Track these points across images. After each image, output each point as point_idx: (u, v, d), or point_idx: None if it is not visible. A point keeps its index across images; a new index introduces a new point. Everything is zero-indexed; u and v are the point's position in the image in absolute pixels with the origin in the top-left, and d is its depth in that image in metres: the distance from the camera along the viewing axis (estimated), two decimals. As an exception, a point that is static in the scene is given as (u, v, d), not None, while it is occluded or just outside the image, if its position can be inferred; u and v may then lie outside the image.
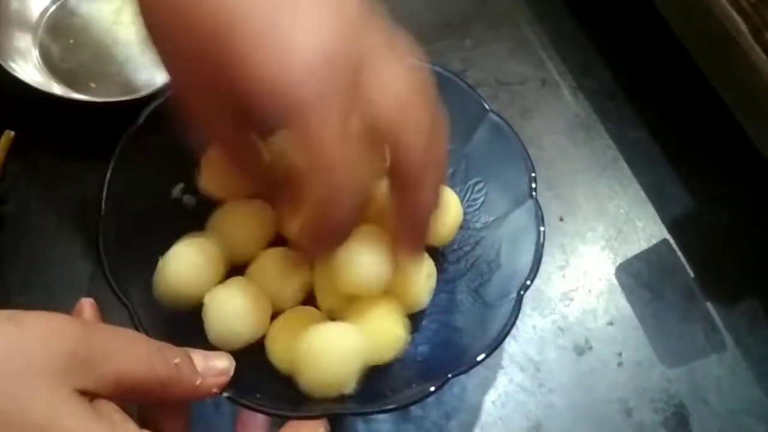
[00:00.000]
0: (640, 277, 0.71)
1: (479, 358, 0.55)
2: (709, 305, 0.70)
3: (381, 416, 0.63)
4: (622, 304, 0.70)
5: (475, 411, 0.64)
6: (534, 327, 0.68)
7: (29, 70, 0.73)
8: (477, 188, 0.68)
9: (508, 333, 0.56)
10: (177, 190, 0.64)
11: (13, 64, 0.71)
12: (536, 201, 0.62)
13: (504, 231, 0.64)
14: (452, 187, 0.68)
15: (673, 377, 0.67)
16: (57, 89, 0.72)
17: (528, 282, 0.58)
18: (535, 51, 0.83)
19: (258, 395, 0.54)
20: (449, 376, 0.54)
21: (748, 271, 0.72)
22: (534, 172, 0.63)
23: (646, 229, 0.74)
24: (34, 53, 0.75)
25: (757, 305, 0.70)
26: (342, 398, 0.56)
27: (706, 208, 0.75)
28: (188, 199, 0.64)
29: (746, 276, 0.72)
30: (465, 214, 0.65)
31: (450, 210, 0.63)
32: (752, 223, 0.74)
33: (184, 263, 0.57)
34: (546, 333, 0.68)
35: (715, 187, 0.76)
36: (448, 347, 0.60)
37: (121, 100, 0.69)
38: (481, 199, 0.67)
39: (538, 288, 0.70)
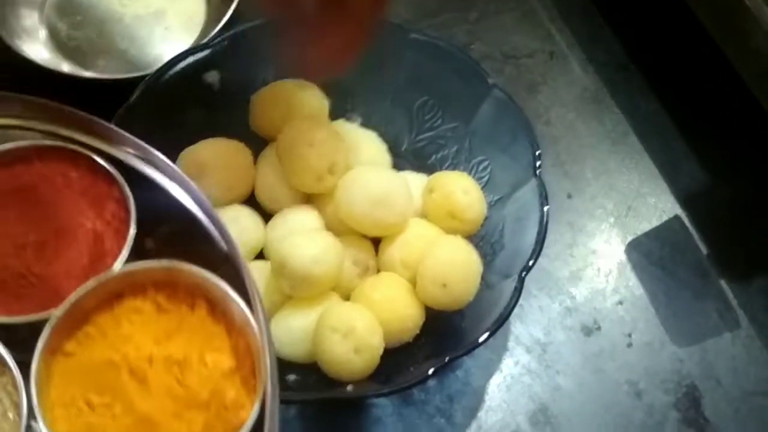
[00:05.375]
0: (651, 254, 0.70)
1: (480, 340, 0.54)
2: (722, 283, 0.68)
3: (382, 400, 0.62)
4: (632, 283, 0.68)
5: (479, 394, 0.63)
6: (540, 308, 0.67)
7: (37, 48, 0.74)
8: (482, 167, 0.67)
9: (509, 315, 0.55)
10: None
11: (20, 43, 0.71)
12: (540, 180, 0.61)
13: (508, 210, 0.63)
14: (456, 166, 0.67)
15: (685, 357, 0.65)
16: (65, 67, 0.73)
17: (531, 263, 0.57)
18: (543, 23, 0.81)
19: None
20: (447, 359, 0.53)
21: (763, 248, 0.70)
22: (539, 149, 0.62)
23: (658, 206, 0.72)
24: (42, 31, 0.76)
25: (772, 282, 0.68)
26: (340, 383, 0.56)
27: (721, 183, 0.73)
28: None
29: (762, 253, 0.70)
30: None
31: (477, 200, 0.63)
32: (766, 198, 0.72)
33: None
34: (553, 314, 0.67)
35: (730, 161, 0.74)
36: (450, 330, 0.59)
37: (130, 77, 0.68)
38: (486, 178, 0.66)
39: (545, 268, 0.68)
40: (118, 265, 0.50)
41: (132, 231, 0.51)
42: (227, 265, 0.48)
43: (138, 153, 0.51)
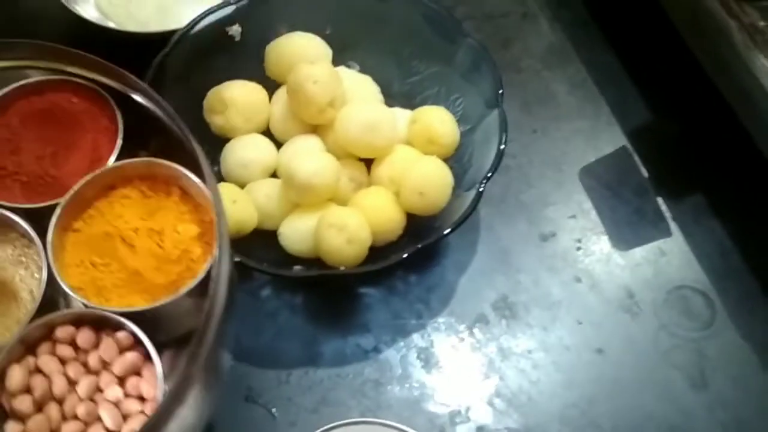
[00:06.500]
0: (600, 178, 0.82)
1: (445, 233, 0.68)
2: (659, 200, 0.81)
3: (371, 291, 0.75)
4: (583, 200, 0.81)
5: (452, 287, 0.76)
6: (507, 222, 0.80)
7: (87, 8, 0.87)
8: (457, 103, 0.79)
9: (470, 214, 0.68)
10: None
11: (74, 3, 0.85)
12: (502, 111, 0.73)
13: (477, 136, 0.76)
14: (437, 103, 0.80)
15: (624, 262, 0.78)
16: (111, 24, 0.86)
17: (489, 174, 0.70)
18: (518, -14, 0.94)
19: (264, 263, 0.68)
20: (419, 245, 0.67)
21: (694, 172, 0.83)
22: (502, 88, 0.74)
23: (609, 139, 0.85)
24: None
25: (702, 200, 0.81)
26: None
27: (661, 120, 0.86)
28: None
29: (692, 176, 0.83)
30: (445, 124, 0.77)
31: (451, 128, 0.76)
32: (700, 132, 0.85)
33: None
34: (516, 226, 0.80)
35: (670, 102, 0.87)
36: (426, 231, 0.72)
37: (165, 30, 0.78)
38: (460, 112, 0.79)
39: (513, 191, 0.82)
40: (110, 164, 0.65)
41: (120, 140, 0.67)
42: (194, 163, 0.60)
43: (128, 82, 0.64)
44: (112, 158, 0.66)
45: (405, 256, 0.66)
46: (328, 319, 0.74)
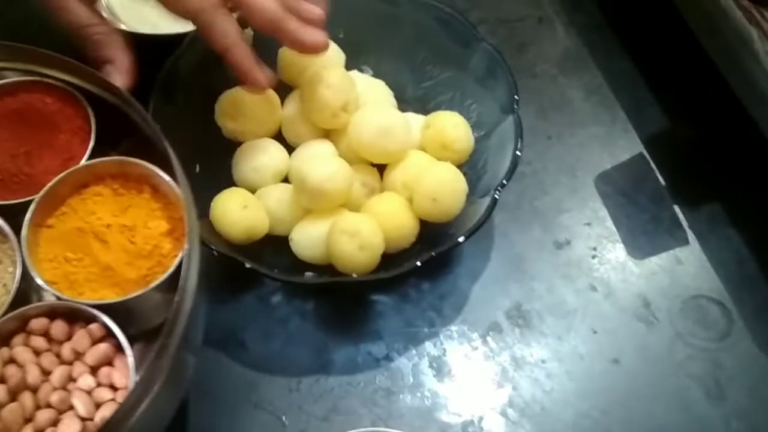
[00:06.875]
0: (616, 184, 0.82)
1: (460, 240, 0.67)
2: (675, 207, 0.80)
3: (384, 298, 0.75)
4: (598, 208, 0.80)
5: (465, 294, 0.75)
6: (521, 228, 0.79)
7: (99, 9, 0.84)
8: (471, 108, 0.79)
9: (485, 222, 0.68)
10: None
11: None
12: (518, 117, 0.73)
13: (491, 143, 0.75)
14: (451, 108, 0.79)
15: (639, 270, 0.77)
16: (123, 26, 0.85)
17: (504, 181, 0.69)
18: (533, -9, 0.94)
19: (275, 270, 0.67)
20: (433, 253, 0.66)
21: (711, 179, 0.82)
22: (517, 93, 0.73)
23: (625, 145, 0.84)
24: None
25: (719, 207, 0.80)
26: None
27: (678, 126, 0.85)
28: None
29: (710, 183, 0.82)
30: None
31: (465, 134, 0.75)
32: (716, 138, 0.84)
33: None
34: (530, 232, 0.79)
35: (687, 108, 0.86)
36: (440, 238, 0.71)
37: (177, 33, 0.78)
38: (475, 118, 0.78)
39: (528, 197, 0.81)
40: (82, 163, 0.66)
41: (92, 140, 0.67)
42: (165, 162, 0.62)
43: (100, 83, 0.65)
44: (85, 158, 0.67)
45: (418, 263, 0.66)
46: (340, 326, 0.74)
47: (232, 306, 0.74)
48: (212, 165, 0.77)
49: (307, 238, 0.71)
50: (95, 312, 0.60)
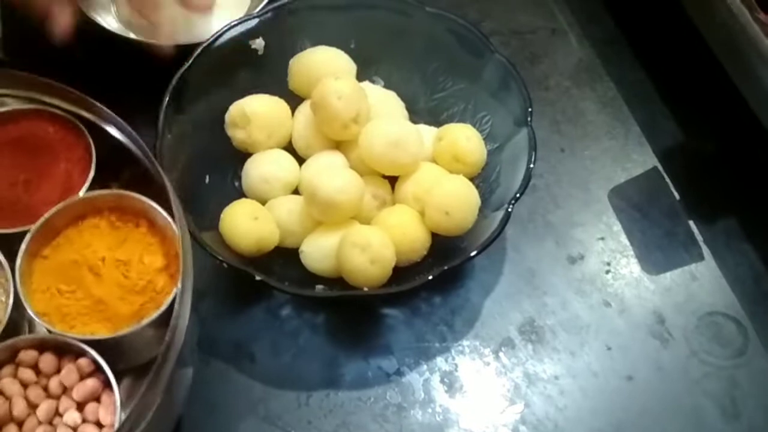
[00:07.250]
0: (630, 199, 0.80)
1: (472, 254, 0.66)
2: (690, 223, 0.79)
3: (394, 312, 0.74)
4: (612, 223, 0.79)
5: (477, 309, 0.74)
6: (534, 241, 0.78)
7: (109, 19, 0.86)
8: (484, 120, 0.78)
9: (497, 236, 0.67)
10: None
11: (95, 15, 0.83)
12: (531, 129, 0.72)
13: (504, 155, 0.74)
14: (463, 120, 0.78)
15: (653, 286, 0.76)
16: (132, 35, 0.85)
17: (518, 195, 0.68)
18: (546, 3, 0.93)
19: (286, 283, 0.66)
20: (445, 267, 0.65)
21: (727, 194, 0.81)
22: (531, 106, 0.72)
23: (639, 159, 0.83)
24: (112, 7, 0.88)
25: (734, 223, 0.79)
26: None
27: (693, 140, 0.84)
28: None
29: (726, 198, 0.81)
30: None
31: (478, 146, 0.74)
32: (732, 152, 0.83)
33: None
34: (544, 246, 0.78)
35: (702, 122, 0.85)
36: (452, 252, 0.70)
37: (188, 43, 0.77)
38: (487, 130, 0.77)
39: (541, 210, 0.80)
40: (81, 194, 0.66)
41: (92, 171, 0.67)
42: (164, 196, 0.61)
43: (101, 114, 0.65)
44: (84, 188, 0.67)
45: (430, 278, 0.65)
46: (350, 340, 0.72)
47: (241, 319, 0.73)
48: (222, 176, 0.76)
49: (318, 251, 0.70)
50: (85, 347, 0.60)
